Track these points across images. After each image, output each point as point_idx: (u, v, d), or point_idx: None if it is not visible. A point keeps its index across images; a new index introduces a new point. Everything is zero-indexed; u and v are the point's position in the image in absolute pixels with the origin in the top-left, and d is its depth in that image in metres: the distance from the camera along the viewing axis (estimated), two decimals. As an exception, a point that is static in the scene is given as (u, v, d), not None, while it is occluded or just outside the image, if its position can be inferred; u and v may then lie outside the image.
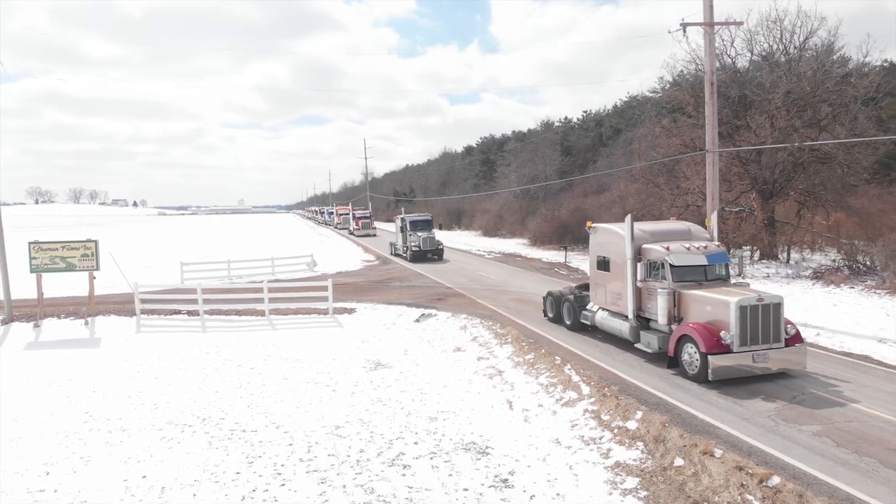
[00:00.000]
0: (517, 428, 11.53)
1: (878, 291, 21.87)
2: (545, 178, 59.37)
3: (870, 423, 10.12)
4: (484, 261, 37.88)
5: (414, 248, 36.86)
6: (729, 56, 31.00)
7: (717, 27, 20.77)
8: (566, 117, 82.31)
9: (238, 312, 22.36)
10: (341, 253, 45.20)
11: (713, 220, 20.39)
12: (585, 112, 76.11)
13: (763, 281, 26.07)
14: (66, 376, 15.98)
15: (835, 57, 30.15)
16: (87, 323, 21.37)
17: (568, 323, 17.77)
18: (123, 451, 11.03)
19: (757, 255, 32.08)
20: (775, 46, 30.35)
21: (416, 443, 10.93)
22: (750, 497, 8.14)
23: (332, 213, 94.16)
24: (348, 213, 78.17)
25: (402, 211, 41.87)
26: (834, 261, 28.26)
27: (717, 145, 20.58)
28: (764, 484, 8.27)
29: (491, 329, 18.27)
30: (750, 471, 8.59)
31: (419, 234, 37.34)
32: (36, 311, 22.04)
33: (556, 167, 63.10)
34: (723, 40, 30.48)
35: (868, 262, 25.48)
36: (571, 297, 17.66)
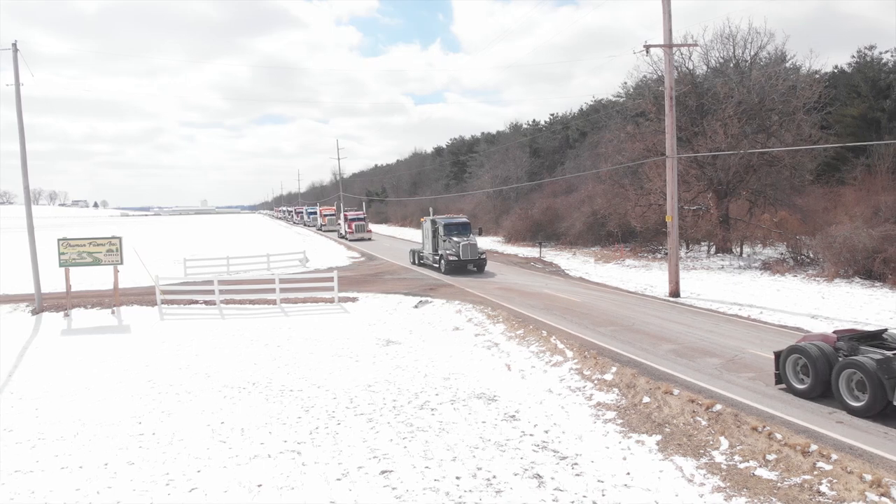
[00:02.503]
0: (516, 383, 14.25)
1: (817, 279, 25.12)
2: (517, 179, 62.43)
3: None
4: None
5: (451, 258, 30.24)
6: (687, 68, 34.27)
7: (675, 48, 23.82)
8: (534, 120, 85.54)
9: (252, 302, 24.70)
10: (327, 251, 47.46)
11: (674, 218, 23.52)
12: (552, 115, 79.37)
13: (718, 272, 29.30)
14: (112, 355, 18.16)
15: (787, 65, 33.67)
16: (113, 312, 23.48)
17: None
18: (196, 406, 13.42)
19: (713, 249, 35.47)
20: (728, 60, 33.73)
21: (437, 394, 13.57)
22: (699, 419, 10.97)
23: (312, 213, 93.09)
24: (334, 215, 76.25)
25: (430, 212, 35.92)
26: (781, 254, 31.69)
27: (675, 151, 23.57)
28: (710, 410, 11.11)
29: (483, 312, 21.01)
30: (699, 402, 11.43)
31: (456, 239, 30.85)
32: (62, 302, 24.07)
33: (526, 168, 66.25)
34: (682, 54, 33.71)
35: (810, 255, 28.87)
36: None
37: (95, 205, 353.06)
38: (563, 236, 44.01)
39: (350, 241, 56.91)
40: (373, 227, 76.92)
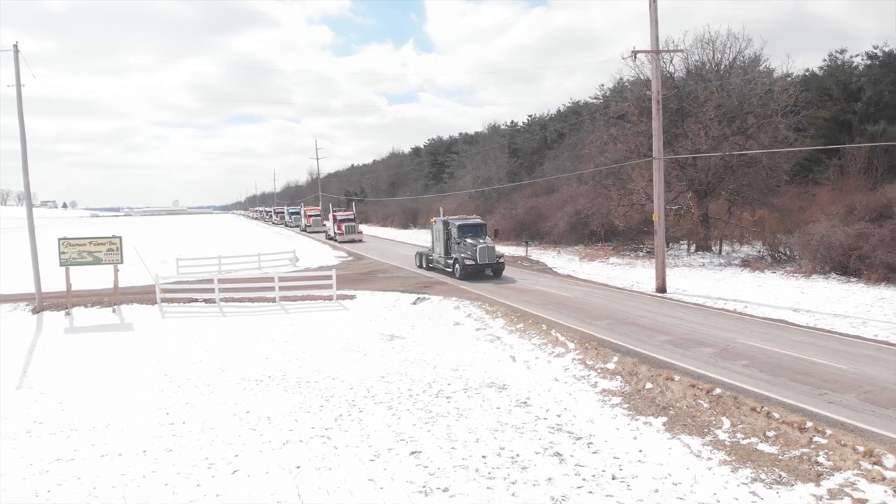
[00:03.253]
0: (523, 373, 15.01)
1: (795, 275, 26.28)
2: (498, 180, 63.38)
3: (779, 357, 14.03)
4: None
5: (467, 263, 28.22)
6: (668, 72, 35.36)
7: (662, 54, 24.80)
8: (512, 121, 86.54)
9: (251, 300, 25.14)
10: (314, 251, 47.83)
11: (661, 217, 24.47)
12: (530, 116, 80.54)
13: (699, 269, 30.41)
14: (122, 351, 18.55)
15: (761, 68, 34.95)
16: (114, 310, 23.78)
17: None
18: (217, 398, 13.94)
19: (693, 248, 36.65)
20: (708, 64, 34.93)
21: (449, 384, 14.26)
22: (701, 402, 11.82)
23: (294, 213, 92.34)
24: (319, 215, 74.92)
25: (440, 212, 34.21)
26: (759, 251, 32.95)
27: (662, 153, 24.54)
28: (710, 393, 11.97)
29: (481, 308, 21.75)
30: (700, 387, 12.29)
31: (471, 241, 28.85)
32: (62, 301, 24.29)
33: (507, 169, 67.27)
34: (663, 59, 34.82)
35: (787, 252, 30.11)
36: None
37: (65, 205, 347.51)
38: (547, 235, 44.92)
39: (340, 242, 54.83)
40: None
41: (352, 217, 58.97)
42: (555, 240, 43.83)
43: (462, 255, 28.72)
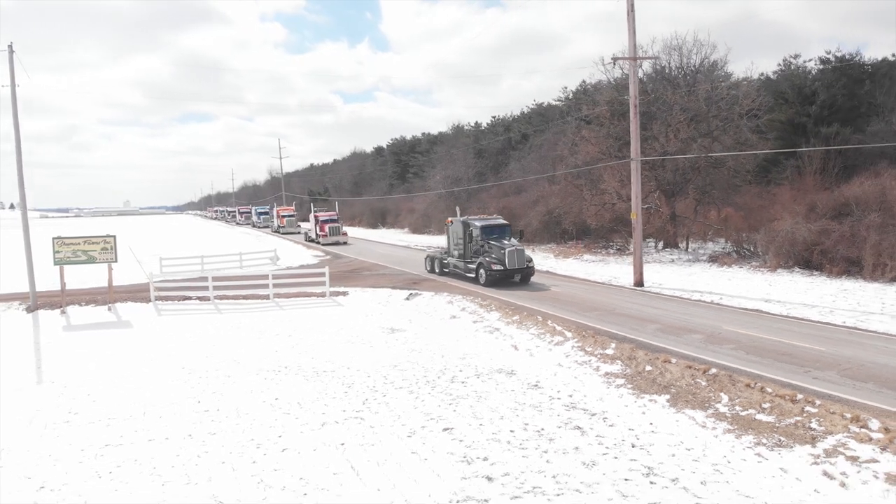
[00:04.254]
0: (527, 360, 16.05)
1: (761, 270, 27.97)
2: (467, 180, 64.54)
3: (762, 341, 15.41)
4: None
5: (495, 268, 25.66)
6: (638, 77, 36.96)
7: (639, 60, 26.21)
8: (476, 122, 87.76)
9: (245, 297, 25.65)
10: (289, 250, 48.14)
11: (638, 215, 25.85)
12: (494, 117, 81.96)
13: (669, 265, 32.00)
14: (129, 346, 18.94)
15: (719, 72, 36.85)
16: (110, 308, 24.03)
17: None
18: (242, 387, 14.59)
19: (660, 245, 38.34)
20: (675, 70, 36.67)
21: (460, 370, 15.21)
22: (699, 381, 13.04)
23: (263, 213, 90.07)
24: (293, 215, 72.77)
25: (456, 212, 31.36)
26: (724, 248, 34.77)
27: (640, 155, 25.92)
28: (706, 373, 13.20)
29: (474, 302, 22.76)
30: (696, 367, 13.53)
31: (495, 243, 26.45)
32: (55, 300, 24.43)
33: (475, 169, 68.51)
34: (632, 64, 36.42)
35: (751, 248, 31.91)
36: None
37: (12, 206, 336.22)
38: (519, 234, 46.13)
39: (323, 244, 51.15)
40: (308, 225, 75.06)
41: (335, 217, 54.96)
42: (528, 238, 45.00)
43: (488, 260, 26.17)
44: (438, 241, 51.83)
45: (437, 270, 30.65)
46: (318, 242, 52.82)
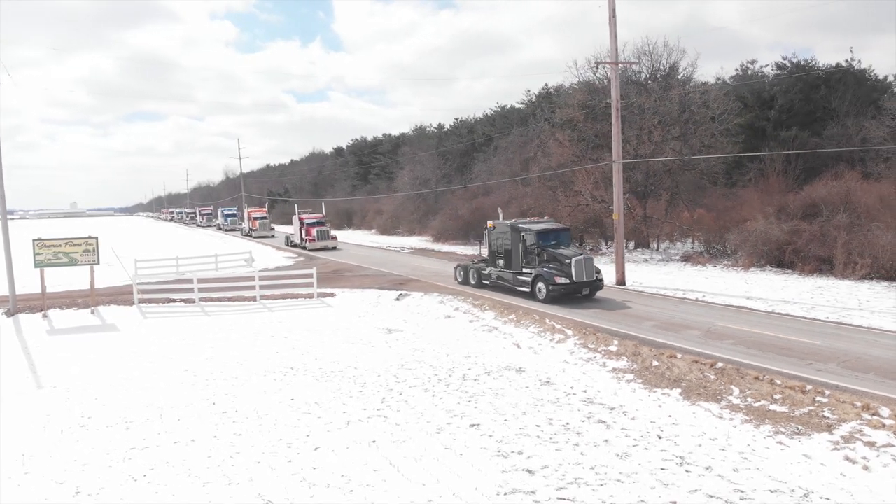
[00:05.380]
0: (531, 358, 16.38)
1: (735, 268, 28.94)
2: (436, 181, 64.79)
3: (758, 336, 16.07)
4: (405, 255, 42.41)
5: (559, 281, 21.92)
6: (608, 80, 37.81)
7: (620, 65, 26.88)
8: (440, 123, 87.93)
9: (230, 299, 25.37)
10: (260, 252, 47.58)
11: (620, 216, 26.47)
12: (457, 119, 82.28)
13: (644, 264, 32.81)
14: (122, 350, 18.56)
15: (685, 76, 38.03)
16: (93, 312, 23.50)
17: None
18: (254, 388, 14.52)
19: (632, 245, 39.24)
20: (648, 74, 37.64)
21: (469, 368, 15.45)
22: (708, 374, 13.56)
23: (231, 215, 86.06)
24: (266, 218, 68.93)
25: (499, 215, 27.87)
26: (693, 248, 35.84)
27: (621, 157, 26.57)
28: (714, 367, 13.74)
29: (466, 301, 23.02)
30: (703, 362, 14.06)
31: (555, 251, 22.74)
32: (34, 304, 23.76)
33: (443, 171, 68.79)
34: (604, 69, 37.27)
35: (722, 247, 32.97)
36: None
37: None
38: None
39: (310, 250, 46.45)
40: (279, 228, 72.33)
41: (322, 220, 49.84)
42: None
43: (548, 271, 22.30)
44: (407, 243, 52.01)
45: (472, 282, 26.47)
46: (303, 248, 47.86)
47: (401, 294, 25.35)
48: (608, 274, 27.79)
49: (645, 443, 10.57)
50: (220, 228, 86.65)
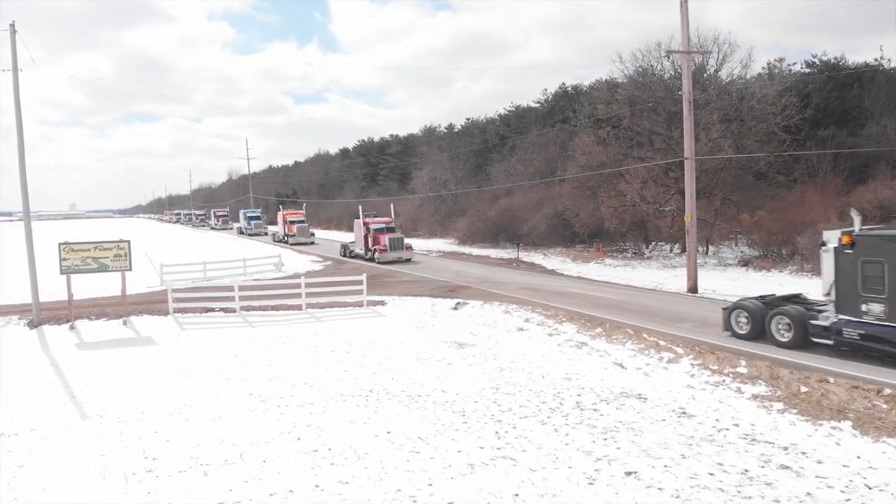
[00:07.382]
0: (644, 381, 14.33)
1: (805, 273, 26.95)
2: (455, 182, 62.76)
3: None
4: (437, 258, 40.44)
5: None
6: (660, 75, 35.88)
7: (692, 55, 24.91)
8: (451, 124, 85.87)
9: (273, 308, 23.32)
10: (284, 255, 45.55)
11: (693, 217, 24.48)
12: (468, 119, 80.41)
13: (701, 269, 30.69)
14: (164, 371, 16.45)
15: (735, 71, 36.09)
16: (125, 323, 21.45)
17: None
18: (335, 416, 12.43)
19: (679, 249, 37.27)
20: (715, 66, 35.67)
21: (578, 395, 13.39)
22: (877, 402, 11.54)
23: (255, 218, 77.60)
24: (304, 222, 59.53)
25: (852, 220, 15.25)
26: (742, 252, 33.96)
27: (693, 153, 24.58)
28: (881, 394, 11.71)
29: (536, 311, 20.98)
30: (865, 388, 12.03)
31: None
32: (59, 313, 21.73)
33: (462, 172, 66.72)
34: (657, 64, 35.37)
35: (783, 251, 31.02)
36: None
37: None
38: (525, 238, 44.62)
39: (380, 263, 37.44)
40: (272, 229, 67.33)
41: (392, 225, 41.33)
42: (535, 242, 43.57)
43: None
44: (432, 245, 49.99)
45: (730, 331, 17.04)
46: (371, 260, 39.02)
47: (458, 303, 23.31)
48: (669, 280, 25.92)
49: (856, 495, 8.56)
50: (241, 232, 77.92)
